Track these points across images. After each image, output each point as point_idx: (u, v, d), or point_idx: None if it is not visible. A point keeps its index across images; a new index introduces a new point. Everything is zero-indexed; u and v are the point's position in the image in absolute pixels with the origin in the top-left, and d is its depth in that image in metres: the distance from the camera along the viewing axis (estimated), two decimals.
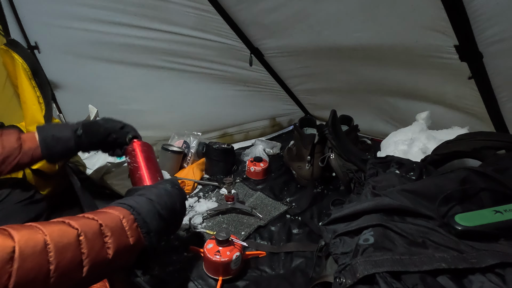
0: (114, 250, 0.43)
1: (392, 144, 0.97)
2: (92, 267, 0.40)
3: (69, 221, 0.41)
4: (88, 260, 0.40)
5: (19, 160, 0.62)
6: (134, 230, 0.47)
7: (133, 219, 0.48)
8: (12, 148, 0.61)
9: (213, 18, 1.07)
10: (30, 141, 0.63)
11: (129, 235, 0.46)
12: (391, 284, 0.42)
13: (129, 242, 0.46)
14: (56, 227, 0.39)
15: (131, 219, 0.48)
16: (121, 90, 1.13)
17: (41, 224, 0.39)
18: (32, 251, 0.35)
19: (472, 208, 0.56)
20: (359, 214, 0.58)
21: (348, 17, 0.91)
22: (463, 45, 0.77)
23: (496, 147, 0.76)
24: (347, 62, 1.10)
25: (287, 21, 1.02)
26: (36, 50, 1.01)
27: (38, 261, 0.35)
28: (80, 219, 0.43)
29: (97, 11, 0.96)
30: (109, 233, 0.43)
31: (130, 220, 0.47)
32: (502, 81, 0.82)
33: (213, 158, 1.08)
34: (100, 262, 0.41)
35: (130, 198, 0.54)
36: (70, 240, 0.39)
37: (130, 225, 0.47)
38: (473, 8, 0.68)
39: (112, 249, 0.43)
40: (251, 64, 1.23)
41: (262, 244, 0.79)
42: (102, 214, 0.45)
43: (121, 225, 0.46)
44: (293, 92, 1.45)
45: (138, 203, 0.52)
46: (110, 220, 0.45)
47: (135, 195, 0.55)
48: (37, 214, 0.72)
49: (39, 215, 0.72)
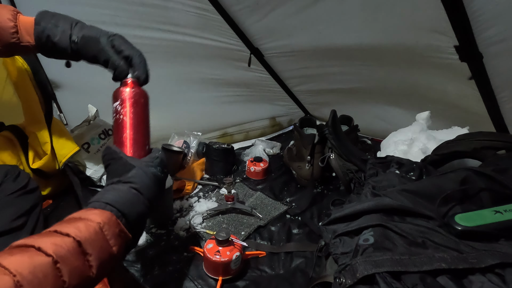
0: (97, 267, 0.38)
1: (392, 144, 0.97)
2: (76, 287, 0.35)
3: (39, 245, 0.34)
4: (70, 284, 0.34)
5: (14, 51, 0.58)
6: (117, 237, 0.41)
7: (116, 222, 0.41)
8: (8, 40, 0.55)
9: (213, 18, 1.07)
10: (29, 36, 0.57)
11: (112, 244, 0.40)
12: (391, 284, 0.42)
13: (113, 252, 0.40)
14: (26, 260, 0.32)
15: (114, 223, 0.41)
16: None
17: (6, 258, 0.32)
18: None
19: (472, 208, 0.56)
20: (359, 214, 0.58)
21: (348, 17, 0.91)
22: (463, 45, 0.77)
23: (496, 147, 0.76)
24: (347, 62, 1.10)
25: (287, 21, 1.02)
26: None
27: None
28: (53, 238, 0.36)
29: (97, 11, 0.96)
30: (90, 250, 0.37)
31: (112, 226, 0.40)
32: (502, 81, 0.82)
33: (213, 158, 1.08)
34: (83, 282, 0.36)
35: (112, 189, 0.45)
36: (46, 273, 0.33)
37: (113, 232, 0.40)
38: (473, 8, 0.68)
39: (95, 266, 0.37)
40: (250, 65, 1.23)
41: (262, 244, 0.79)
42: (78, 224, 0.38)
43: (102, 235, 0.39)
44: (293, 92, 1.45)
45: (122, 198, 0.44)
46: (89, 233, 0.38)
47: (120, 184, 0.46)
48: (32, 205, 0.67)
49: (34, 205, 0.68)
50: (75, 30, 0.58)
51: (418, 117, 1.01)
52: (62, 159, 0.86)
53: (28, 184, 0.68)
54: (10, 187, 0.65)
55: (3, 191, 0.64)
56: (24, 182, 0.68)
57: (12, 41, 0.56)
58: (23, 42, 0.57)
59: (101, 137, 0.99)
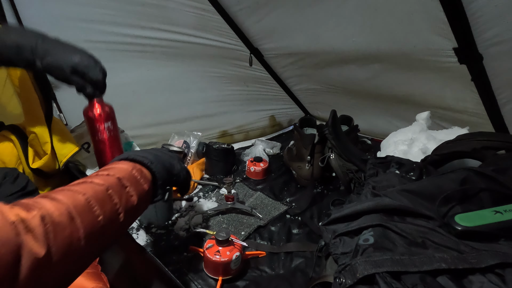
0: (137, 197, 0.46)
1: (392, 144, 0.97)
2: (126, 213, 0.44)
3: (92, 180, 0.43)
4: (121, 208, 0.43)
5: None
6: (145, 177, 0.49)
7: (140, 168, 0.49)
8: None
9: (213, 18, 1.07)
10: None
11: (142, 182, 0.48)
12: (391, 284, 0.42)
13: (145, 188, 0.48)
14: (87, 186, 0.41)
15: (139, 168, 0.49)
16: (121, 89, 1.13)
17: (72, 186, 0.40)
18: (82, 209, 0.37)
19: (472, 208, 0.56)
20: (359, 214, 0.58)
21: (346, 20, 0.91)
22: (462, 47, 0.77)
23: (496, 147, 0.76)
24: (346, 65, 1.10)
25: (286, 22, 1.02)
26: None
27: (88, 217, 0.38)
28: (99, 177, 0.44)
29: (98, 11, 0.97)
30: (128, 183, 0.45)
31: (138, 170, 0.49)
32: (502, 83, 0.82)
33: (213, 158, 1.08)
34: (129, 208, 0.45)
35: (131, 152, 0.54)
36: (103, 194, 0.42)
37: (140, 174, 0.48)
38: (472, 10, 0.68)
39: (135, 196, 0.46)
40: (251, 64, 1.24)
41: (262, 244, 0.79)
42: (113, 169, 0.47)
43: (134, 175, 0.47)
44: (293, 92, 1.45)
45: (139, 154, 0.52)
46: (124, 173, 0.46)
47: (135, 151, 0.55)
48: None
49: None
50: (38, 54, 0.58)
51: (418, 117, 1.01)
52: (63, 159, 0.86)
53: (27, 186, 0.68)
54: (9, 189, 0.65)
55: (2, 193, 0.64)
56: (23, 184, 0.68)
57: None
58: None
59: None
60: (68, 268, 0.36)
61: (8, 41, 0.57)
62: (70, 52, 0.60)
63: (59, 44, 0.60)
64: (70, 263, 0.36)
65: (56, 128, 0.86)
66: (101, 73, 0.63)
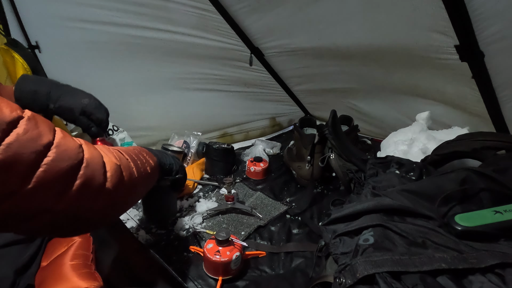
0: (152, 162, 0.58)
1: (392, 144, 0.97)
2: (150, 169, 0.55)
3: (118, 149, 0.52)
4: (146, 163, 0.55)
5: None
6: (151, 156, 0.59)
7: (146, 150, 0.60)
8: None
9: (213, 18, 1.07)
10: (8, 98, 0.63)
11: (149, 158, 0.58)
12: (391, 284, 0.42)
13: (152, 163, 0.58)
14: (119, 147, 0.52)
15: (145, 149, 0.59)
16: (121, 89, 1.13)
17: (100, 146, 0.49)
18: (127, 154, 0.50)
19: (472, 208, 0.56)
20: (359, 214, 0.58)
21: (348, 17, 0.91)
22: (464, 44, 0.76)
23: (496, 147, 0.76)
24: (347, 62, 1.10)
25: (287, 20, 1.02)
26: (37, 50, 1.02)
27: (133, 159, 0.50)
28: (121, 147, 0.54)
29: (98, 11, 0.97)
30: (144, 153, 0.56)
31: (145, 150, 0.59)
32: (503, 80, 0.81)
33: (213, 158, 1.08)
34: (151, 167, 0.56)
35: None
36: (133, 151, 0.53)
37: (147, 153, 0.58)
38: (474, 6, 0.68)
39: (151, 160, 0.57)
40: (251, 64, 1.23)
41: (262, 244, 0.79)
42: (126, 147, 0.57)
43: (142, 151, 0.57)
44: (293, 92, 1.45)
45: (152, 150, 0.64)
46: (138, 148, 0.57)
47: None
48: None
49: None
50: (52, 99, 0.67)
51: (418, 117, 1.01)
52: None
53: None
54: None
55: None
56: None
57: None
58: None
59: None
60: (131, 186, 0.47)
61: (26, 89, 0.66)
62: (79, 96, 0.70)
63: (69, 90, 0.70)
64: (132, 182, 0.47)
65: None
66: (105, 114, 0.72)
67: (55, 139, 0.37)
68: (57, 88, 0.68)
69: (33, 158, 0.34)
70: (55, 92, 0.67)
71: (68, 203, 0.37)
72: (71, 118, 0.70)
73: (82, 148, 0.40)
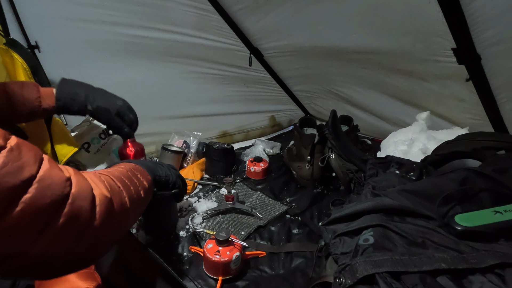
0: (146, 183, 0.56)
1: (392, 144, 0.97)
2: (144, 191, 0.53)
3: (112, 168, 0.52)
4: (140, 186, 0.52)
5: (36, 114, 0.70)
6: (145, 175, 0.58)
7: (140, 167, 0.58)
8: (33, 105, 0.68)
9: (213, 18, 1.07)
10: (49, 100, 0.70)
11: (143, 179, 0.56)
12: (391, 284, 0.42)
13: (146, 185, 0.56)
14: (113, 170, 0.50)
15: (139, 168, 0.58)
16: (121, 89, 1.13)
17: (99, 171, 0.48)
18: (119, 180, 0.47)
19: (472, 208, 0.56)
20: (359, 214, 0.58)
21: (346, 20, 0.91)
22: (461, 47, 0.77)
23: (496, 148, 0.76)
24: (346, 64, 1.10)
25: (286, 21, 1.02)
26: (37, 50, 1.01)
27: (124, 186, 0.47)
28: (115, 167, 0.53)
29: (98, 11, 0.96)
30: (137, 173, 0.54)
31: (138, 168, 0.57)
32: (501, 82, 0.82)
33: (213, 158, 1.08)
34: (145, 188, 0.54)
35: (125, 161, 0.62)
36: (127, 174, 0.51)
37: (141, 172, 0.57)
38: (471, 10, 0.68)
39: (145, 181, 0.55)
40: (251, 64, 1.23)
41: (262, 244, 0.79)
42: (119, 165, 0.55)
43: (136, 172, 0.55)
44: (293, 92, 1.45)
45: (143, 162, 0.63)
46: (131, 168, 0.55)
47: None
48: None
49: None
50: (89, 100, 0.72)
51: (418, 117, 1.01)
52: (63, 158, 0.86)
53: None
54: None
55: None
56: None
57: (36, 104, 0.68)
58: (44, 105, 0.70)
59: (101, 137, 0.99)
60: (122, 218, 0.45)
61: (67, 90, 0.71)
62: (113, 98, 0.76)
63: (104, 92, 0.75)
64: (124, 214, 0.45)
65: (56, 128, 0.86)
66: (135, 116, 0.78)
67: (40, 171, 0.33)
68: (94, 90, 0.74)
69: (10, 195, 0.30)
70: (92, 94, 0.73)
71: (46, 245, 0.33)
72: (106, 119, 0.74)
73: (70, 181, 0.36)
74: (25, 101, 0.66)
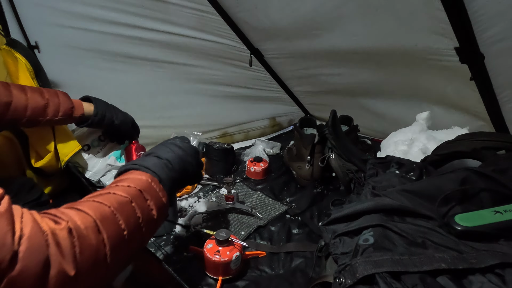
0: (157, 210, 0.47)
1: (392, 144, 0.97)
2: (146, 226, 0.44)
3: (114, 191, 0.43)
4: (143, 221, 0.44)
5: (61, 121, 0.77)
6: (162, 190, 0.50)
7: (158, 181, 0.50)
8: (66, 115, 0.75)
9: (213, 19, 1.07)
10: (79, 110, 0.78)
11: (161, 195, 0.49)
12: (391, 284, 0.42)
13: (164, 202, 0.49)
14: (112, 198, 0.42)
15: (156, 181, 0.50)
16: (121, 90, 1.13)
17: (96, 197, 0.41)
18: (108, 222, 0.38)
19: (472, 208, 0.56)
20: (359, 214, 0.58)
21: (347, 20, 0.90)
22: (464, 47, 0.76)
23: (496, 148, 0.76)
24: (347, 64, 1.10)
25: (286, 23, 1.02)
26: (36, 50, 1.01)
27: (114, 230, 0.38)
28: (120, 188, 0.45)
29: (98, 11, 0.96)
30: (148, 197, 0.46)
31: (157, 182, 0.50)
32: (503, 81, 0.81)
33: (213, 158, 1.08)
34: (150, 221, 0.46)
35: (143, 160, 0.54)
36: (128, 207, 0.43)
37: (158, 186, 0.49)
38: (474, 8, 0.68)
39: (155, 209, 0.47)
40: (251, 65, 1.23)
41: (262, 244, 0.79)
42: (132, 180, 0.47)
43: (153, 187, 0.48)
44: (293, 93, 1.45)
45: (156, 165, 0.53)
46: (144, 186, 0.47)
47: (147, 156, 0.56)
48: None
49: None
50: (115, 116, 0.84)
51: (418, 117, 1.01)
52: (64, 158, 0.86)
53: (41, 197, 0.75)
54: (24, 197, 0.71)
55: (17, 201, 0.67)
56: (38, 194, 0.74)
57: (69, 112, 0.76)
58: (76, 114, 0.78)
59: (100, 139, 0.99)
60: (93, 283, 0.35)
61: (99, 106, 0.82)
62: (124, 113, 0.88)
63: (115, 107, 0.87)
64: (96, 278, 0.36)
65: (58, 127, 0.86)
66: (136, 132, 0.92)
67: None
68: (109, 107, 0.85)
69: None
70: (112, 111, 0.84)
71: None
72: (127, 129, 0.88)
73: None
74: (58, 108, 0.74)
